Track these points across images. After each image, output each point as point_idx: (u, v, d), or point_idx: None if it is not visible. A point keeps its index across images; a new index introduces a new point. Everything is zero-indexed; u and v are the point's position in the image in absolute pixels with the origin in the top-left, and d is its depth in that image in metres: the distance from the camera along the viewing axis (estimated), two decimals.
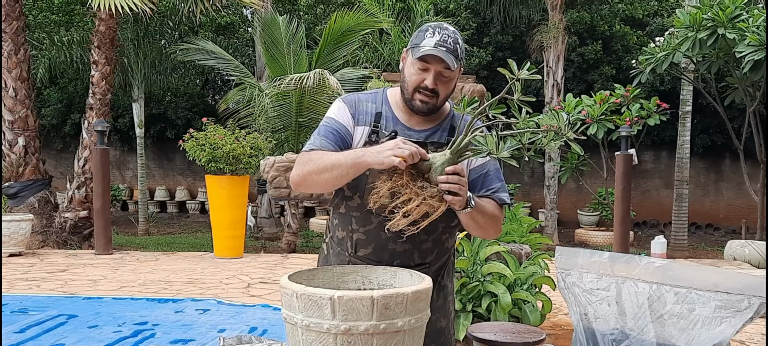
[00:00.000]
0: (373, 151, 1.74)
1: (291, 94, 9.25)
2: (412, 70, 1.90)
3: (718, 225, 13.52)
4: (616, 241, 8.37)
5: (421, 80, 1.88)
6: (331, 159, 1.82)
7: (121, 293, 5.89)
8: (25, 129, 9.35)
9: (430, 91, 1.88)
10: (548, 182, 11.90)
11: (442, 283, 2.06)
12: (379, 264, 1.92)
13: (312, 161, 1.86)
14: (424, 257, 1.96)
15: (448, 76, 1.88)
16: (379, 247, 1.94)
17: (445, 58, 1.82)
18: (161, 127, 15.23)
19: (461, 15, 12.94)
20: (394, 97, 2.01)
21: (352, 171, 1.79)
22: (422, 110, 1.92)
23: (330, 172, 1.81)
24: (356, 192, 1.93)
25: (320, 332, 1.46)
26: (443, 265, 2.05)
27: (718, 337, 1.66)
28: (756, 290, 1.63)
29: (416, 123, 1.96)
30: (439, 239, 1.97)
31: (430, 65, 1.86)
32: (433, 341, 2.01)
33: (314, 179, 1.85)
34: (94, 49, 9.51)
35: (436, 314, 2.01)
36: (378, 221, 1.90)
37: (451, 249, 2.07)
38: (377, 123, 1.96)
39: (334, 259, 2.03)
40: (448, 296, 2.10)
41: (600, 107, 9.00)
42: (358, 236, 1.96)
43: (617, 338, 1.84)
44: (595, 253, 1.97)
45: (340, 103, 2.01)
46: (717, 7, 7.87)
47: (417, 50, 1.86)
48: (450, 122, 2.00)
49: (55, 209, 9.54)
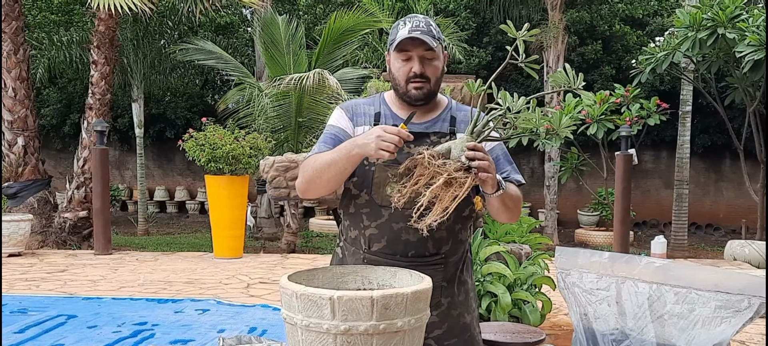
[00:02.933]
0: (359, 142, 1.78)
1: (290, 94, 9.25)
2: (397, 65, 1.96)
3: (718, 225, 13.52)
4: (616, 241, 8.36)
5: (408, 70, 1.93)
6: (326, 159, 1.87)
7: (121, 293, 5.89)
8: (24, 129, 9.35)
9: (420, 77, 1.93)
10: (548, 181, 11.90)
11: (462, 278, 2.06)
12: (393, 257, 1.93)
13: (312, 167, 1.92)
14: (438, 246, 1.95)
15: (432, 57, 1.94)
16: (393, 239, 1.94)
17: (423, 38, 1.88)
18: (161, 127, 15.23)
19: (461, 15, 12.94)
20: (392, 98, 2.06)
21: (349, 164, 1.84)
22: (419, 98, 1.95)
23: (328, 171, 1.86)
24: (363, 189, 1.95)
25: (320, 332, 1.46)
26: (461, 258, 2.05)
27: (718, 337, 1.66)
28: (756, 290, 1.62)
29: (416, 117, 1.99)
30: (452, 228, 1.96)
31: (411, 52, 1.92)
32: (456, 336, 2.01)
33: (316, 182, 1.90)
34: (94, 49, 9.50)
35: (458, 309, 2.02)
36: (388, 213, 1.91)
37: (465, 242, 2.06)
38: (377, 122, 1.99)
39: (350, 260, 2.03)
40: (469, 291, 2.09)
41: (600, 107, 9.00)
42: (371, 231, 1.96)
43: (617, 338, 1.84)
44: (595, 253, 1.97)
45: (337, 109, 2.08)
46: (717, 7, 7.87)
47: (394, 43, 1.93)
48: (450, 113, 2.03)
49: (55, 209, 9.54)
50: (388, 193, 1.89)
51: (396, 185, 1.72)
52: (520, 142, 9.30)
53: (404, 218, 1.88)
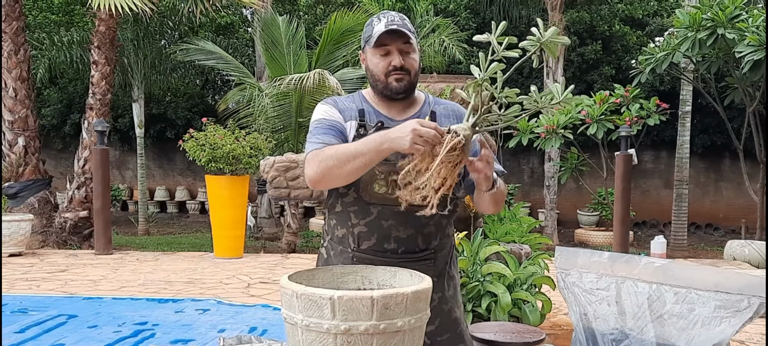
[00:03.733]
0: (393, 133, 1.70)
1: (291, 95, 9.25)
2: (375, 61, 1.95)
3: (717, 225, 13.52)
4: (615, 241, 8.37)
5: (387, 64, 1.93)
6: (352, 149, 1.79)
7: (121, 293, 5.89)
8: (25, 129, 9.36)
9: (400, 69, 1.93)
10: (548, 181, 11.90)
11: (451, 273, 2.07)
12: (384, 255, 1.92)
13: (330, 156, 1.81)
14: (428, 242, 1.96)
15: (409, 50, 1.94)
16: (382, 236, 1.93)
17: (401, 29, 1.89)
18: (161, 127, 15.24)
19: (461, 15, 12.95)
20: (370, 95, 2.04)
21: (377, 157, 1.75)
22: (400, 90, 1.95)
23: (353, 162, 1.77)
24: (351, 187, 1.93)
25: (320, 332, 1.46)
26: (448, 253, 2.06)
27: (718, 337, 1.66)
28: (756, 290, 1.63)
29: (396, 113, 1.99)
30: (439, 222, 1.97)
31: (390, 46, 1.92)
32: (449, 330, 2.02)
33: (336, 173, 1.80)
34: (94, 50, 9.51)
35: (449, 304, 2.03)
36: (377, 211, 1.91)
37: (451, 236, 2.08)
38: (362, 119, 1.98)
39: (336, 259, 2.01)
40: (457, 286, 2.10)
41: (600, 107, 9.00)
42: (360, 229, 1.95)
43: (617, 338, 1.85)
44: (594, 253, 1.97)
45: (323, 105, 2.02)
46: (717, 7, 7.87)
47: (371, 40, 1.93)
48: (430, 108, 2.03)
49: (55, 209, 9.54)
50: (377, 190, 1.90)
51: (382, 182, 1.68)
52: (520, 141, 9.30)
53: (393, 215, 1.89)
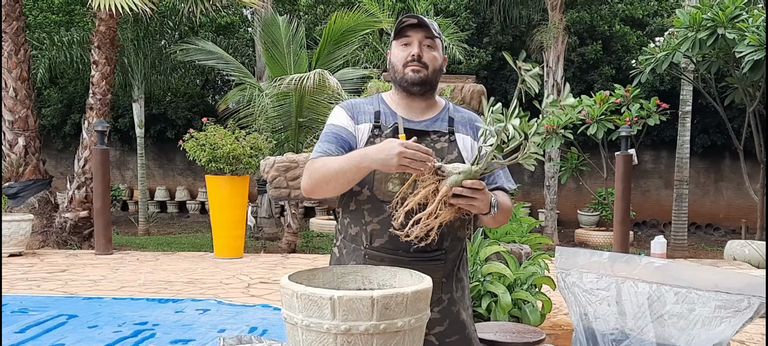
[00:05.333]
0: (374, 154, 1.79)
1: (291, 95, 9.25)
2: (396, 52, 2.03)
3: (718, 225, 13.52)
4: (616, 241, 8.36)
5: (407, 54, 2.00)
6: (334, 166, 1.88)
7: (121, 293, 5.89)
8: (25, 129, 9.35)
9: (418, 61, 1.98)
10: (548, 181, 11.90)
11: (459, 275, 2.08)
12: (395, 253, 1.94)
13: (317, 170, 1.93)
14: (439, 242, 1.96)
15: (431, 45, 2.00)
16: (394, 234, 1.93)
17: (424, 21, 1.97)
18: (161, 127, 15.24)
19: (461, 15, 12.94)
20: (390, 97, 2.10)
21: (358, 175, 1.86)
22: (415, 81, 1.99)
23: (336, 180, 1.88)
24: (364, 185, 1.96)
25: (320, 332, 1.46)
26: (458, 255, 2.07)
27: (718, 337, 1.66)
28: (756, 290, 1.63)
29: (416, 115, 2.03)
30: (452, 224, 1.97)
31: (411, 37, 1.99)
32: (457, 333, 2.03)
33: (323, 188, 1.92)
34: (94, 50, 9.51)
35: (457, 306, 2.04)
36: (390, 208, 1.93)
37: (464, 239, 2.09)
38: (377, 120, 2.02)
39: (348, 257, 2.03)
40: (465, 288, 2.11)
41: (600, 107, 9.00)
42: (372, 226, 1.97)
43: (617, 338, 1.85)
44: (595, 253, 1.97)
45: (337, 108, 2.09)
46: (717, 7, 7.87)
47: (395, 32, 2.03)
48: (448, 114, 2.07)
49: (55, 209, 9.54)
50: (390, 188, 1.93)
51: (396, 180, 1.72)
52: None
53: (406, 214, 1.90)
